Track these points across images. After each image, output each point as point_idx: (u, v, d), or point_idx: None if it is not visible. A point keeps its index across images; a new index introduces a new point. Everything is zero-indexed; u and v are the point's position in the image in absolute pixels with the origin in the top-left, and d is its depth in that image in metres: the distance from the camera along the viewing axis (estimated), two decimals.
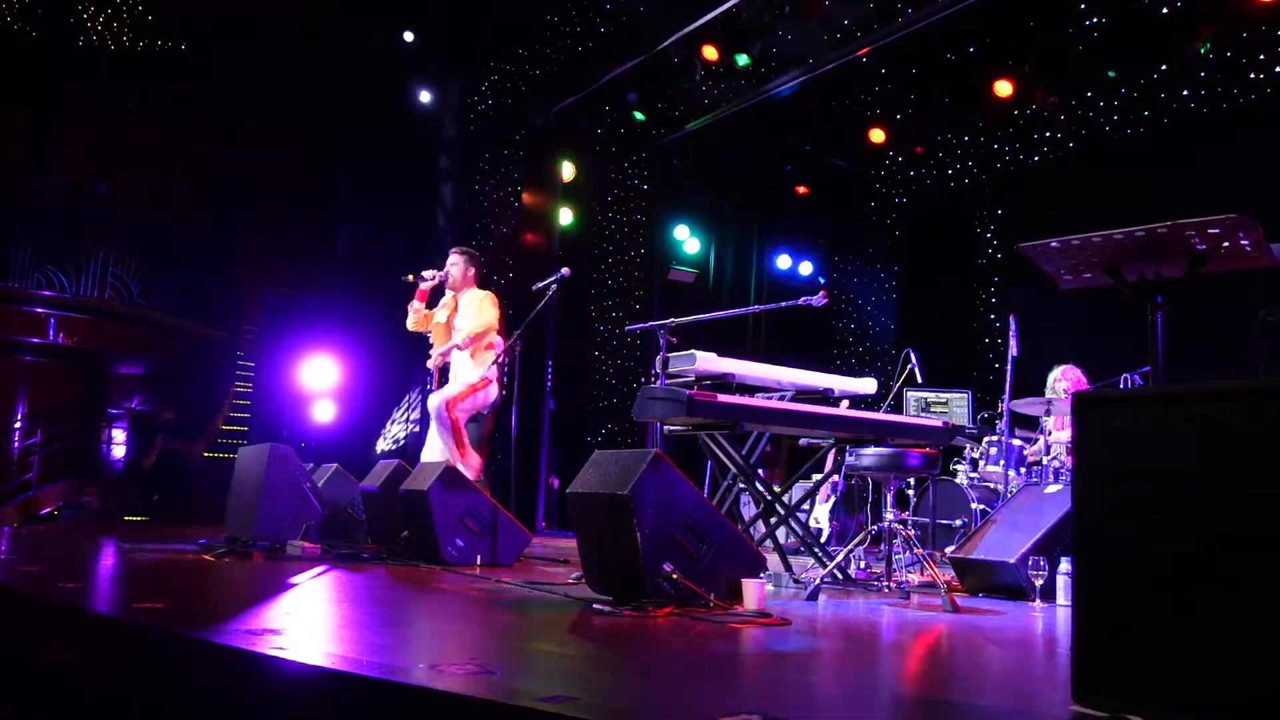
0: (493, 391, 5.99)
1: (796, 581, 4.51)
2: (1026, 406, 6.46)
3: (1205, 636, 1.66)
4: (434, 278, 6.18)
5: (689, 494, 3.44)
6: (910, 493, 7.00)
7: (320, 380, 10.55)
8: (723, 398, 4.22)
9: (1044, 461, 6.27)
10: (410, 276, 6.22)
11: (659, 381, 4.51)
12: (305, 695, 2.01)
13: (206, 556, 4.81)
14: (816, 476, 6.90)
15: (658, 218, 10.93)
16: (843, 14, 8.01)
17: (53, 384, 11.42)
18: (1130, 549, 1.79)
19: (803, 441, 7.21)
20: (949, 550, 5.10)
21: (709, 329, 7.62)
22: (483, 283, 6.31)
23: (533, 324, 5.83)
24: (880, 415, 4.82)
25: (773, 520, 4.98)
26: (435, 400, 5.79)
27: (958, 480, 6.91)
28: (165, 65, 11.89)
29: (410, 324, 6.30)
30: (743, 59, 8.35)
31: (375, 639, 2.65)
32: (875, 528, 4.58)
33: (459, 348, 5.87)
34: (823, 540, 7.32)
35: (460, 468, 5.31)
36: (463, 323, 6.01)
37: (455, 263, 6.18)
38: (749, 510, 7.42)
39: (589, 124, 10.32)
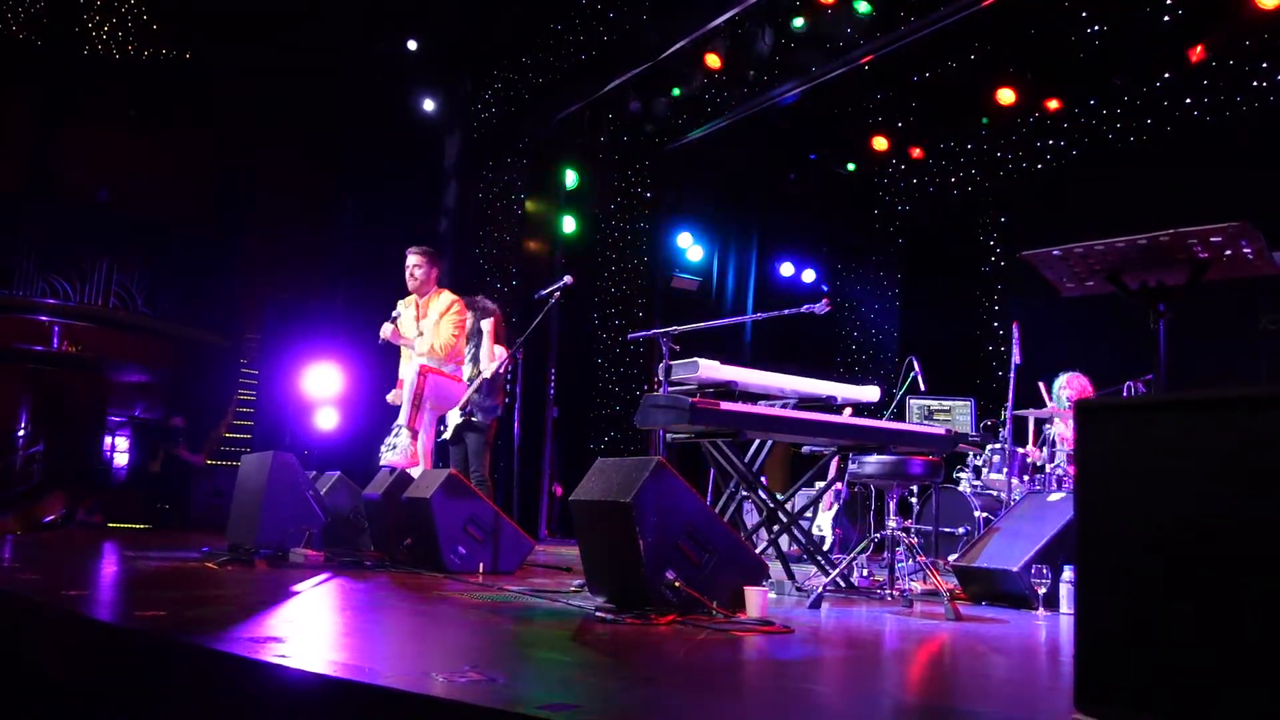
0: (458, 391, 5.97)
1: (799, 589, 4.50)
2: (1030, 415, 6.45)
3: (1209, 645, 1.65)
4: (395, 324, 6.04)
5: (691, 501, 3.44)
6: (913, 500, 7.00)
7: (323, 388, 10.55)
8: (725, 405, 4.22)
9: (1046, 468, 6.26)
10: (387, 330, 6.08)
11: (662, 389, 4.51)
12: (308, 703, 2.01)
13: (209, 564, 4.81)
14: (819, 484, 6.90)
15: (660, 225, 10.93)
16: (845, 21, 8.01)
17: (56, 392, 11.43)
18: (1134, 557, 1.79)
19: (805, 449, 7.21)
20: (952, 558, 5.10)
21: (712, 337, 7.58)
22: (447, 283, 6.29)
23: (536, 332, 5.83)
24: (883, 423, 4.83)
25: (775, 528, 4.98)
26: (410, 367, 5.80)
27: (961, 488, 6.91)
28: (169, 73, 11.91)
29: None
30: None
31: (378, 647, 2.65)
32: (878, 535, 4.57)
33: (425, 365, 5.81)
34: (825, 548, 7.31)
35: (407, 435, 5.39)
36: (429, 338, 5.94)
37: (418, 264, 6.12)
38: (752, 518, 7.40)
39: (592, 131, 10.34)
